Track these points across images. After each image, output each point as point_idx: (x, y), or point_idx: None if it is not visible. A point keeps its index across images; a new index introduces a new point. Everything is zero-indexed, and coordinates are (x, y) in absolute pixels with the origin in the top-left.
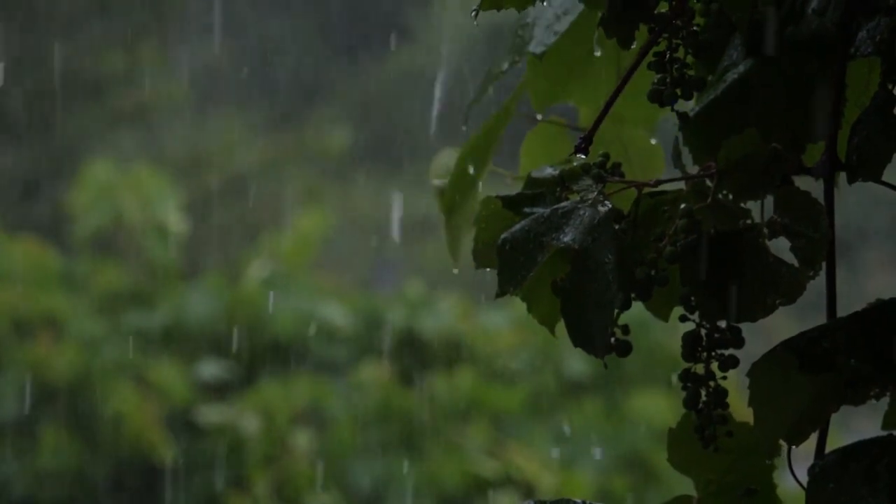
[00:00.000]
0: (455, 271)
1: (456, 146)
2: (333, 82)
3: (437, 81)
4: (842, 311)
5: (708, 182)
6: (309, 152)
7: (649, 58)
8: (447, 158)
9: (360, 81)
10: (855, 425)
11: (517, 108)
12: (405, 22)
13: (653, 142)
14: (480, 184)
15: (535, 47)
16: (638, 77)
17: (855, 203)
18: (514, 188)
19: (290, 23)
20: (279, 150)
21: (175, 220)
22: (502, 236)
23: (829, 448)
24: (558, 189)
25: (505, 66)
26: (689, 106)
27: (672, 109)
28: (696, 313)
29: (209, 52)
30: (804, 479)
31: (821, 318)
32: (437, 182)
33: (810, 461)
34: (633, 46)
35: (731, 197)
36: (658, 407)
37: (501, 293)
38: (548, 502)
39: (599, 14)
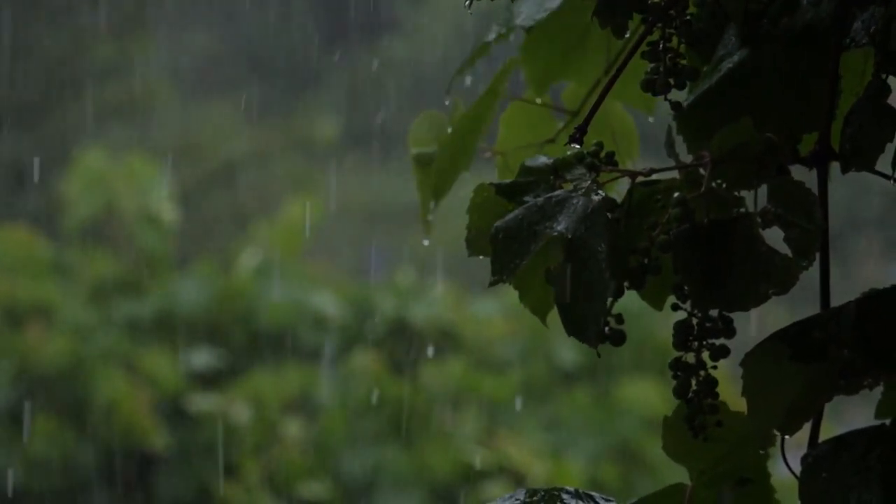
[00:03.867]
0: (426, 242)
1: (432, 110)
2: (323, 71)
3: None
4: (832, 300)
5: (701, 171)
6: (298, 141)
7: (643, 47)
8: (427, 123)
9: (348, 70)
10: (849, 416)
11: (505, 89)
12: (393, 10)
13: (649, 119)
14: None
15: (523, 21)
16: (636, 59)
17: (845, 192)
18: (493, 161)
19: (279, 12)
20: (269, 138)
21: (166, 209)
22: (495, 225)
23: (822, 438)
24: (552, 178)
25: (491, 37)
26: (684, 95)
27: (665, 98)
28: (689, 302)
29: (199, 41)
30: (797, 468)
31: (812, 308)
32: (415, 150)
33: (803, 451)
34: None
35: (724, 186)
36: (648, 396)
37: (494, 282)
38: (540, 490)
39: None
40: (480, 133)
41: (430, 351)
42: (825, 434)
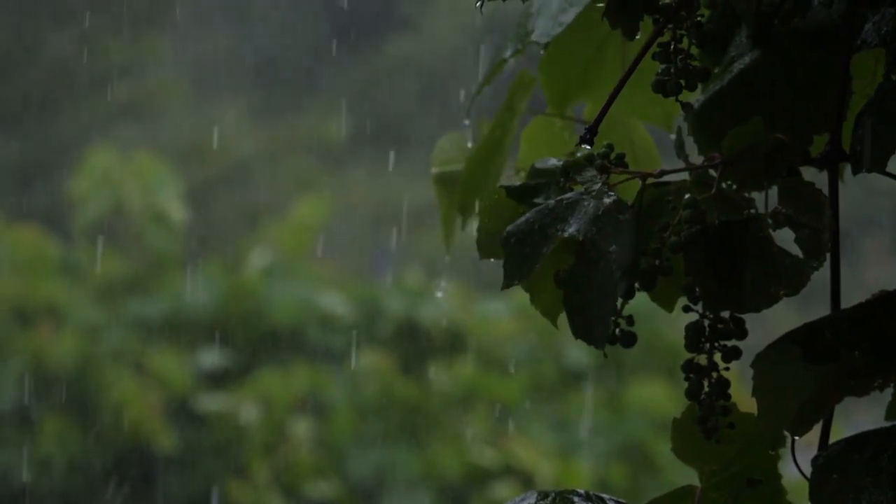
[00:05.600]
0: (447, 259)
1: (456, 131)
2: (331, 71)
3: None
4: (842, 301)
5: (712, 172)
6: (307, 141)
7: (654, 48)
8: (450, 143)
9: (357, 70)
10: (857, 417)
11: (524, 105)
12: (402, 11)
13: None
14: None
15: (538, 37)
16: (651, 74)
17: (854, 192)
18: (514, 177)
19: (288, 11)
20: (277, 138)
21: (175, 209)
22: (507, 229)
23: (831, 439)
24: (563, 180)
25: (507, 54)
26: (694, 96)
27: (676, 100)
28: (700, 304)
29: (208, 41)
30: (807, 469)
31: (821, 309)
32: (436, 169)
33: (812, 451)
34: (637, 37)
35: (735, 187)
36: (657, 396)
37: (507, 285)
38: (552, 493)
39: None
40: (505, 150)
41: (439, 352)
42: (834, 435)
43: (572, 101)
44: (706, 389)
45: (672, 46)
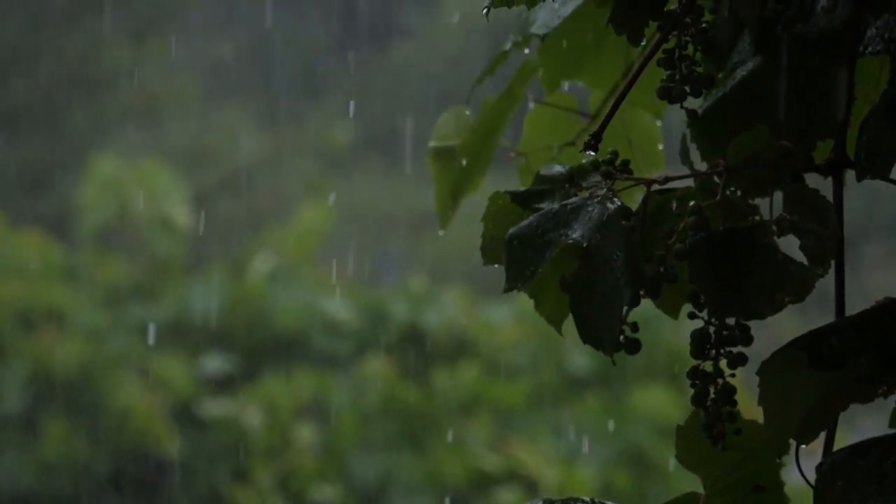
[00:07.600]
0: (441, 232)
1: (458, 106)
2: (336, 77)
3: None
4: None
5: (717, 179)
6: (312, 146)
7: (659, 54)
8: (451, 119)
9: (362, 76)
10: (860, 423)
11: (524, 91)
12: (406, 16)
13: (658, 123)
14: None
15: (537, 28)
16: (648, 69)
17: (856, 198)
18: (515, 162)
19: (294, 17)
20: (282, 143)
21: (180, 214)
22: (510, 232)
23: (835, 446)
24: (567, 185)
25: (508, 46)
26: (699, 103)
27: (681, 106)
28: (705, 310)
29: (213, 46)
30: (812, 476)
31: (825, 316)
32: (434, 143)
33: (816, 458)
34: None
35: (739, 194)
36: (660, 402)
37: (509, 289)
38: (557, 501)
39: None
40: (498, 135)
41: (443, 358)
42: (838, 442)
43: (565, 80)
44: (712, 396)
45: (677, 53)
